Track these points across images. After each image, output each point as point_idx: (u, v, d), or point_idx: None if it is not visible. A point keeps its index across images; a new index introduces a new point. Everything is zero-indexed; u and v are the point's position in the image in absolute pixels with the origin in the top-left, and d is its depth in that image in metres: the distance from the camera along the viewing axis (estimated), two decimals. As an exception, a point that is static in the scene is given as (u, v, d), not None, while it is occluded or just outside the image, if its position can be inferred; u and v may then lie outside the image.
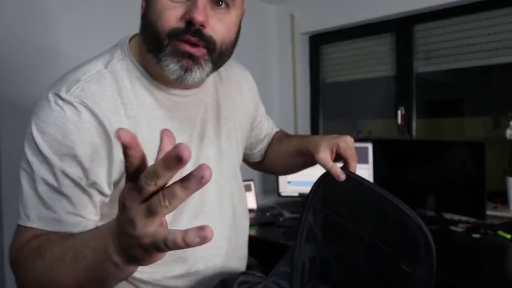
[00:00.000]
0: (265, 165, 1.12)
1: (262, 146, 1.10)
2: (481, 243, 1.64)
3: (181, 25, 0.68)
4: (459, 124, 2.30)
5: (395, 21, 2.34)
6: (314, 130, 2.76)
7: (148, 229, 0.41)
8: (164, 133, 0.42)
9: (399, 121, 2.29)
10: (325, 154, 0.81)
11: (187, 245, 0.38)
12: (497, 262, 1.51)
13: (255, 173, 2.69)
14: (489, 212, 1.83)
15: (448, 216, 1.96)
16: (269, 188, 2.61)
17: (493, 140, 2.05)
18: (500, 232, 1.70)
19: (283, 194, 2.34)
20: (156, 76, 0.77)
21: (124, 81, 0.75)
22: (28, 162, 0.68)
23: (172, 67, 0.70)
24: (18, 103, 1.61)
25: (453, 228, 1.82)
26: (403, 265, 0.69)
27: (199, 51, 0.70)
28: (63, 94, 0.69)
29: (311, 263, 0.87)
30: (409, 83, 2.34)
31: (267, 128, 1.10)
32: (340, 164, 0.82)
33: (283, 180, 2.33)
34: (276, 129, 1.14)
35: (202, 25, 0.68)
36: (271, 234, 1.92)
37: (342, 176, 0.78)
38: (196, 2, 0.67)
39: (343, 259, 0.82)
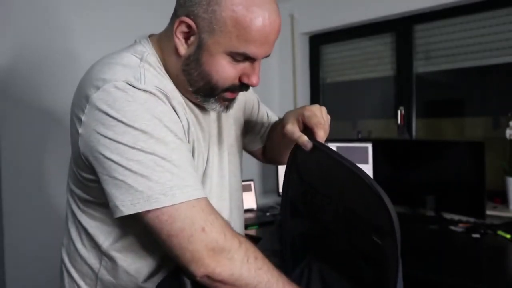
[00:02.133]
0: (268, 154, 1.11)
1: (259, 135, 1.08)
2: (481, 243, 1.64)
3: (236, 82, 0.77)
4: (459, 124, 2.30)
5: (395, 21, 2.34)
6: (314, 130, 2.75)
7: None
8: None
9: (399, 121, 2.29)
10: (291, 126, 0.80)
11: None
12: (497, 262, 1.51)
13: (255, 173, 2.70)
14: (489, 212, 1.83)
15: (448, 216, 1.96)
16: (269, 188, 2.61)
17: (493, 140, 2.04)
18: (500, 232, 1.70)
19: (283, 194, 2.33)
20: (175, 82, 0.79)
21: (160, 73, 0.77)
22: (142, 152, 0.66)
23: (215, 107, 0.80)
24: (25, 105, 1.62)
25: (453, 228, 1.82)
26: (374, 236, 0.66)
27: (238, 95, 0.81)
28: (136, 83, 0.69)
29: (301, 239, 0.84)
30: (409, 83, 2.34)
31: (262, 116, 1.08)
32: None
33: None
34: (275, 118, 1.12)
35: None
36: (271, 234, 1.91)
37: (308, 145, 0.76)
38: (255, 68, 0.76)
39: (327, 234, 0.79)
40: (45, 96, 1.66)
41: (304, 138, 0.77)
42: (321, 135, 0.77)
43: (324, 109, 0.82)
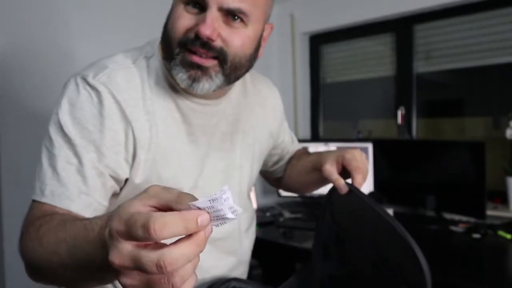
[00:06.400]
0: (284, 181, 1.10)
1: (283, 163, 1.08)
2: (481, 243, 1.64)
3: (191, 35, 0.70)
4: (459, 124, 2.30)
5: (395, 21, 2.34)
6: (314, 130, 2.76)
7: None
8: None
9: (399, 121, 2.29)
10: (330, 166, 0.80)
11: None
12: (497, 262, 1.51)
13: (255, 173, 2.69)
14: (489, 212, 1.83)
15: (448, 216, 1.96)
16: (269, 188, 2.60)
17: (493, 140, 2.04)
18: (500, 232, 1.70)
19: (283, 194, 2.34)
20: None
21: (148, 78, 0.76)
22: (50, 140, 0.70)
23: (181, 76, 0.71)
24: (24, 105, 1.62)
25: (453, 228, 1.82)
26: (403, 287, 0.67)
27: (208, 62, 0.71)
28: (90, 79, 0.71)
29: (331, 281, 0.84)
30: (409, 83, 2.34)
31: (289, 145, 1.08)
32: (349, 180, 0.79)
33: (283, 180, 2.32)
34: (298, 146, 1.11)
35: (210, 39, 0.68)
36: (271, 234, 1.91)
37: (344, 189, 0.76)
38: (205, 17, 0.68)
39: (355, 278, 0.80)
40: (46, 96, 1.66)
41: (341, 181, 0.77)
42: (359, 180, 0.77)
43: (364, 154, 0.81)
